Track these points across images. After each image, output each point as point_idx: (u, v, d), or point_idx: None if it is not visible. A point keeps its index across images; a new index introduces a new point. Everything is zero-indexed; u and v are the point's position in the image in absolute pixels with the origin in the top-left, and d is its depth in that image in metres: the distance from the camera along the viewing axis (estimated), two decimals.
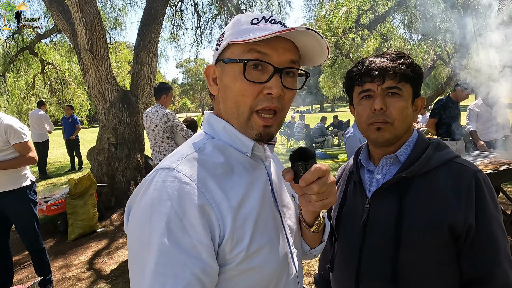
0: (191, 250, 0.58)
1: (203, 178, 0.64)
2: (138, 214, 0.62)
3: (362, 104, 0.95)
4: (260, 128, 0.70)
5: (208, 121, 0.78)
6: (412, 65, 0.92)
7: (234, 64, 0.69)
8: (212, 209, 0.62)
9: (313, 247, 0.90)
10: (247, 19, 0.72)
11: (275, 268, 0.70)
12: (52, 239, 4.35)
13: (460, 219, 0.85)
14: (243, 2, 10.13)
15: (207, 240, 0.60)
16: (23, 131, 2.65)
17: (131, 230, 0.64)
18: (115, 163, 5.33)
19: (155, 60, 5.74)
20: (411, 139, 0.98)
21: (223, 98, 0.73)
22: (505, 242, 0.88)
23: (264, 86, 0.68)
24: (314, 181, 0.66)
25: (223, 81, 0.73)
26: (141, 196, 0.63)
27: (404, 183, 0.93)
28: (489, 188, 0.89)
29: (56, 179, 8.26)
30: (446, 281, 0.89)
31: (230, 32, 0.71)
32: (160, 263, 0.57)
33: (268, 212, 0.72)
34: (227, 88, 0.71)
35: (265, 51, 0.67)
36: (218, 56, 0.74)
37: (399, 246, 0.90)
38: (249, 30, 0.68)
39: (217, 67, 0.75)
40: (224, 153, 0.71)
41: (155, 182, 0.62)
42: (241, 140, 0.73)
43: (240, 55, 0.68)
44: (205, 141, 0.73)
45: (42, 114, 8.11)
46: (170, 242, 0.57)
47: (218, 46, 0.74)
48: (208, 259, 0.60)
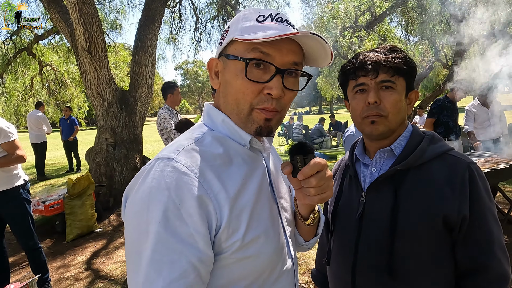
0: (188, 238, 0.59)
1: (202, 168, 0.65)
2: (136, 202, 0.63)
3: (357, 98, 0.96)
4: (261, 121, 0.70)
5: (207, 113, 0.78)
6: (405, 59, 0.94)
7: (236, 61, 0.69)
8: (209, 199, 0.63)
9: (307, 239, 0.91)
10: (254, 15, 0.71)
11: (270, 257, 0.71)
12: (50, 240, 4.33)
13: (454, 210, 0.87)
14: (241, 4, 10.17)
15: (203, 229, 0.61)
16: (9, 130, 2.63)
17: (128, 218, 0.64)
18: (113, 164, 5.32)
19: (153, 61, 5.75)
20: (406, 132, 0.99)
21: (223, 93, 0.74)
22: (499, 233, 0.89)
23: (265, 86, 0.69)
24: (313, 175, 0.67)
25: (224, 76, 0.73)
26: (139, 184, 0.64)
27: (399, 175, 0.94)
28: (482, 179, 0.90)
29: (54, 180, 8.24)
30: (441, 272, 0.90)
31: (235, 27, 0.71)
32: (157, 251, 0.58)
33: (265, 202, 0.73)
34: (228, 84, 0.72)
35: (268, 52, 0.67)
36: (221, 51, 0.74)
37: (395, 238, 0.91)
38: (254, 28, 0.68)
39: (220, 61, 0.75)
40: (223, 144, 0.72)
41: (153, 171, 0.63)
42: (239, 133, 0.73)
43: (243, 53, 0.68)
44: (204, 132, 0.74)
45: (40, 116, 8.09)
46: (167, 231, 0.58)
47: (222, 40, 0.74)
48: (204, 248, 0.61)
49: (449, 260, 0.91)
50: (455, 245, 0.90)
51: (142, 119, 5.82)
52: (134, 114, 5.55)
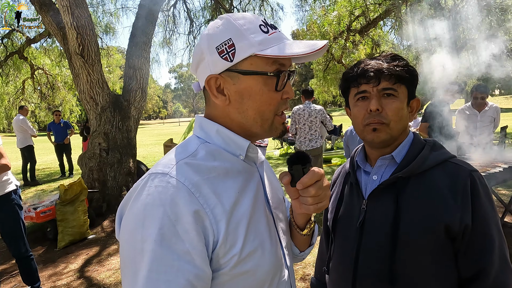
0: (184, 255, 0.58)
1: (197, 182, 0.64)
2: (131, 220, 0.61)
3: (358, 105, 0.96)
4: (281, 126, 0.76)
5: (200, 125, 0.76)
6: (407, 67, 0.94)
7: (257, 76, 0.69)
8: (206, 214, 0.62)
9: (302, 250, 0.91)
10: (254, 25, 0.69)
11: (268, 270, 0.70)
12: (41, 247, 4.25)
13: (457, 219, 0.86)
14: (236, 8, 10.19)
15: (200, 246, 0.60)
16: None
17: (123, 236, 0.63)
18: (107, 169, 5.25)
19: (147, 65, 5.71)
20: (407, 140, 0.99)
21: (240, 109, 0.71)
22: (501, 241, 0.89)
23: (283, 91, 0.73)
24: (311, 185, 0.68)
25: (239, 92, 0.70)
26: (133, 201, 0.62)
27: (401, 183, 0.93)
28: (484, 187, 0.89)
29: (46, 185, 8.11)
30: (443, 281, 0.89)
31: (247, 42, 0.67)
32: (153, 269, 0.56)
33: (260, 214, 0.73)
34: (248, 99, 0.70)
35: (285, 63, 0.72)
36: (230, 67, 0.69)
37: (396, 246, 0.89)
38: (269, 41, 0.69)
39: (223, 76, 0.70)
40: (217, 157, 0.71)
41: (148, 187, 0.62)
42: (235, 142, 0.73)
43: (265, 67, 0.69)
44: (198, 145, 0.72)
45: (20, 119, 7.89)
46: (163, 248, 0.57)
47: (227, 56, 0.68)
48: (201, 265, 0.60)
49: (451, 269, 0.90)
50: (457, 254, 0.89)
51: (136, 123, 5.77)
52: (127, 118, 5.50)
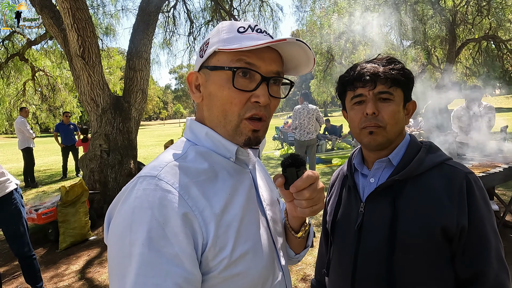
0: (173, 259, 0.57)
1: (186, 185, 0.63)
2: (118, 224, 0.60)
3: (355, 109, 0.97)
4: (249, 132, 0.70)
5: (190, 128, 0.76)
6: (403, 70, 0.94)
7: (221, 72, 0.68)
8: (195, 217, 0.61)
9: (298, 252, 0.90)
10: (233, 27, 0.71)
11: (260, 273, 0.69)
12: (43, 248, 4.26)
13: (453, 221, 0.86)
14: (235, 9, 10.20)
15: (189, 249, 0.59)
16: None
17: (111, 240, 0.62)
18: (108, 170, 5.27)
19: (148, 66, 5.73)
20: (404, 142, 1.00)
21: (208, 106, 0.72)
22: (497, 243, 0.89)
23: (252, 94, 0.68)
24: (306, 188, 0.67)
25: (208, 89, 0.71)
26: (121, 204, 0.62)
27: (397, 186, 0.94)
28: (480, 189, 0.90)
29: (47, 186, 8.12)
30: (441, 283, 0.90)
31: (217, 39, 0.70)
32: (141, 273, 0.55)
33: (252, 216, 0.72)
34: (213, 96, 0.70)
35: (253, 61, 0.67)
36: (202, 63, 0.73)
37: (394, 249, 0.90)
38: (237, 39, 0.68)
39: (201, 74, 0.73)
40: (207, 159, 0.70)
41: (136, 190, 0.61)
42: (224, 145, 0.72)
43: (228, 63, 0.68)
44: (187, 148, 0.72)
45: (19, 121, 7.98)
46: (151, 252, 0.56)
47: (202, 53, 0.72)
48: (191, 268, 0.59)
49: (448, 271, 0.90)
50: (454, 256, 0.90)
51: (137, 124, 5.78)
52: (128, 120, 5.51)
